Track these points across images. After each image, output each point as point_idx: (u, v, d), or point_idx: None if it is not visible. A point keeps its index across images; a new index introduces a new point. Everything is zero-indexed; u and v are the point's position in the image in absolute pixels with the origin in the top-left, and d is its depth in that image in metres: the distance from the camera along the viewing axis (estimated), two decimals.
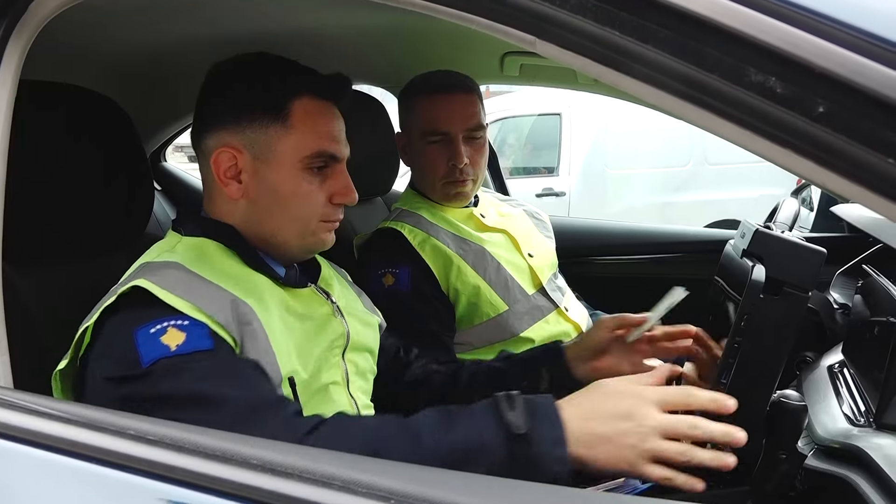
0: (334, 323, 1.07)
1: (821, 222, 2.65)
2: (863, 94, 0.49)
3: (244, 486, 0.60)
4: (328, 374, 1.03)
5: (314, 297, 1.07)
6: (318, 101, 1.02)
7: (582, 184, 5.39)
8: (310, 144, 1.00)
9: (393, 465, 0.67)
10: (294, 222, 1.02)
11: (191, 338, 0.85)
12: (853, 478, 0.88)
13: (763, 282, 0.90)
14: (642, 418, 0.81)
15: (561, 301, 1.58)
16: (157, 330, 0.84)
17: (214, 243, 1.00)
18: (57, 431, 0.68)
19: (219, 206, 1.04)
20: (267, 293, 0.98)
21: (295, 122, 1.00)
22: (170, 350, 0.83)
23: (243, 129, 1.00)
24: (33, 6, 0.84)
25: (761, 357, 0.92)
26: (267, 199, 1.01)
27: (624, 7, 0.55)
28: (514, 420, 0.81)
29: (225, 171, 1.00)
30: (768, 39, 0.51)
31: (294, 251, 1.06)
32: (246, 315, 0.91)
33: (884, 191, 0.49)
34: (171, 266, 0.93)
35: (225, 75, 1.04)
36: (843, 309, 1.46)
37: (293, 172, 1.00)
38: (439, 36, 1.74)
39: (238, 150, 1.00)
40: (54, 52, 1.07)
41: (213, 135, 1.02)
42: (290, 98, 1.00)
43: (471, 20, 0.64)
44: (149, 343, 0.83)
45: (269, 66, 1.04)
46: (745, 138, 0.55)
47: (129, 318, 0.86)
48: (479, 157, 1.54)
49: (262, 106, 0.99)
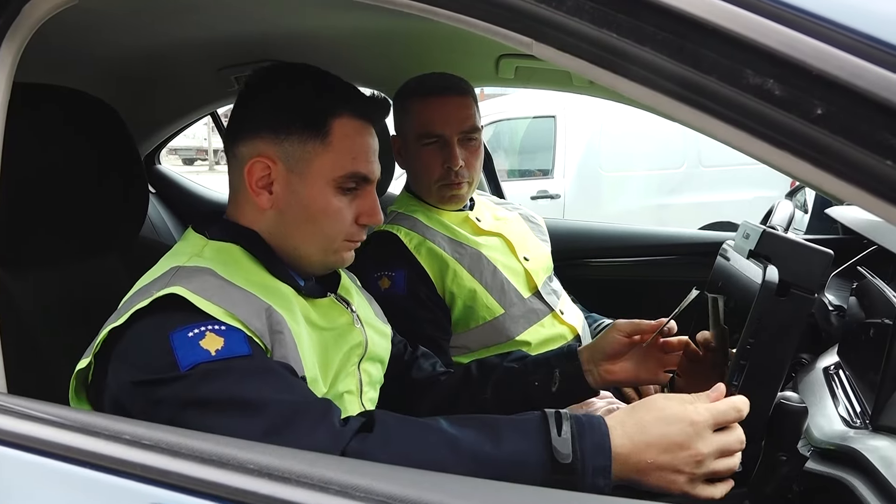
0: (354, 332, 1.07)
1: (815, 224, 2.66)
2: (861, 97, 0.49)
3: (240, 490, 0.59)
4: (344, 383, 1.03)
5: (334, 306, 1.07)
6: (357, 121, 1.02)
7: (577, 186, 5.41)
8: (345, 165, 1.00)
9: (390, 469, 0.66)
10: (320, 238, 1.02)
11: (229, 343, 0.84)
12: (849, 479, 0.88)
13: (777, 282, 0.89)
14: (699, 446, 0.81)
15: (556, 304, 1.58)
16: (195, 334, 0.83)
17: (239, 249, 1.00)
18: (51, 436, 0.67)
19: (245, 213, 1.03)
20: (293, 302, 0.98)
21: (333, 141, 0.99)
22: (210, 355, 0.82)
23: (281, 141, 0.99)
24: (27, 8, 0.83)
25: (769, 358, 0.92)
26: (296, 213, 1.00)
27: (621, 9, 0.55)
28: (560, 448, 0.80)
29: (258, 180, 1.00)
30: (766, 42, 0.51)
31: (314, 266, 1.05)
32: (279, 323, 0.91)
33: (881, 193, 0.49)
34: (204, 272, 0.92)
35: (266, 83, 1.04)
36: (838, 311, 1.47)
37: (325, 190, 1.00)
38: (434, 38, 1.74)
39: (273, 160, 0.99)
40: (48, 54, 1.06)
41: (248, 142, 1.01)
42: (332, 116, 1.00)
43: (468, 23, 0.64)
44: (187, 347, 0.82)
45: (312, 80, 1.04)
46: (742, 140, 0.55)
47: (162, 321, 0.85)
48: (474, 160, 1.54)
49: (302, 120, 0.99)
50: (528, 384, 1.20)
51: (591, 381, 1.19)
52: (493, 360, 1.28)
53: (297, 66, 1.05)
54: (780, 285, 0.91)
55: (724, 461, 0.82)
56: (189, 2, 1.24)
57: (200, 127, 15.33)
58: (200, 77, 1.73)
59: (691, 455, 0.81)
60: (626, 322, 1.19)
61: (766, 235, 0.97)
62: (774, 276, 0.90)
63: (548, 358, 1.24)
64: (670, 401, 0.86)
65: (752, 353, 0.91)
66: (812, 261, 0.94)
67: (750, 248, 0.98)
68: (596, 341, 1.21)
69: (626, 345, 1.17)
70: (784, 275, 0.92)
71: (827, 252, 0.94)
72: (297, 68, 1.05)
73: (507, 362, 1.26)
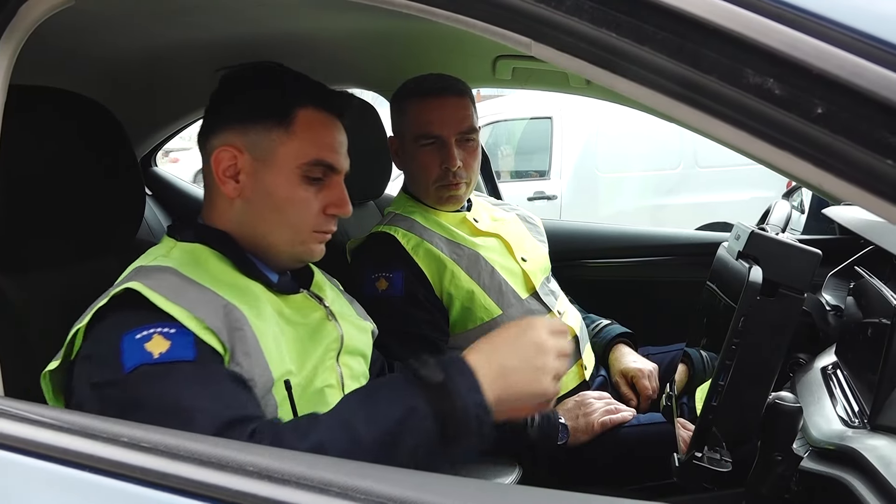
0: (328, 326, 1.08)
1: (812, 225, 2.67)
2: (861, 96, 0.49)
3: (239, 492, 0.59)
4: (323, 378, 1.03)
5: (307, 301, 1.08)
6: (322, 112, 1.05)
7: (573, 187, 5.41)
8: (309, 152, 1.02)
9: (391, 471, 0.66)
10: (286, 228, 1.03)
11: (175, 346, 0.85)
12: (848, 479, 0.88)
13: (760, 283, 0.90)
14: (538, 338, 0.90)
15: (554, 305, 1.58)
16: (142, 336, 0.84)
17: (209, 249, 1.01)
18: (48, 439, 0.67)
19: (217, 208, 1.05)
20: (261, 299, 0.99)
21: (297, 130, 1.02)
22: (152, 357, 0.83)
23: (247, 131, 1.02)
24: (23, 10, 0.83)
25: (758, 358, 0.92)
26: (262, 202, 1.02)
27: (620, 9, 0.55)
28: (428, 374, 0.85)
29: (224, 169, 1.02)
30: (766, 41, 0.51)
31: (284, 258, 1.07)
32: (238, 320, 0.92)
33: (882, 192, 0.49)
34: (164, 270, 0.94)
35: (238, 79, 1.07)
36: (835, 311, 1.47)
37: (290, 178, 1.02)
38: (432, 39, 1.74)
39: (239, 149, 1.02)
40: (44, 56, 1.06)
41: (217, 134, 1.04)
42: (296, 106, 1.03)
43: (467, 23, 0.64)
44: (133, 348, 0.84)
45: (280, 75, 1.07)
46: (742, 140, 0.55)
47: (118, 321, 0.86)
48: (471, 161, 1.54)
49: (267, 109, 1.02)
50: None
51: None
52: None
53: (267, 65, 1.08)
54: (768, 286, 0.92)
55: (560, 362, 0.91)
56: (186, 3, 1.24)
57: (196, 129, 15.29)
58: (197, 79, 1.72)
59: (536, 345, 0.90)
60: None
61: (753, 236, 0.98)
62: (758, 277, 0.91)
63: None
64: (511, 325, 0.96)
65: (739, 353, 0.92)
66: (800, 261, 0.95)
67: (739, 249, 0.99)
68: None
69: None
70: (772, 275, 0.92)
71: (815, 252, 0.95)
72: (267, 67, 1.08)
73: None
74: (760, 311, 0.91)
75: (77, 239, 1.15)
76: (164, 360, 0.84)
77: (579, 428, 1.42)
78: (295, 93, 1.04)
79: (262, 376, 0.92)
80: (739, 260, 0.99)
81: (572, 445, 1.41)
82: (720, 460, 0.94)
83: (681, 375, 1.34)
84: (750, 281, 0.90)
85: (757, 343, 0.92)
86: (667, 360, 1.67)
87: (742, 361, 0.92)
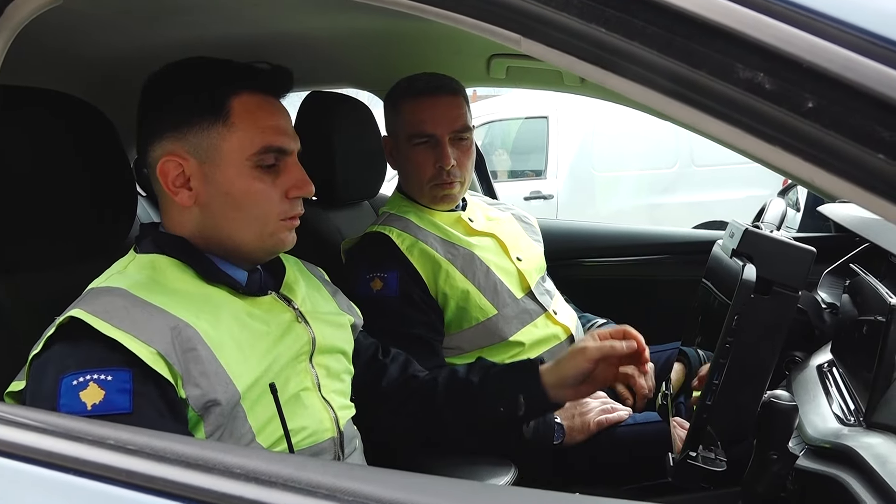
0: (298, 329, 1.05)
1: (808, 222, 2.67)
2: (852, 90, 0.48)
3: (226, 495, 0.58)
4: (297, 382, 1.01)
5: (275, 304, 1.05)
6: (257, 96, 1.00)
7: (570, 186, 5.41)
8: (255, 140, 0.98)
9: (379, 472, 0.66)
10: (251, 224, 1.00)
11: (109, 396, 0.83)
12: (844, 477, 0.88)
13: (754, 281, 0.90)
14: None
15: (549, 304, 1.58)
16: (78, 383, 0.82)
17: (168, 259, 0.98)
18: (33, 442, 0.66)
19: (173, 218, 1.02)
20: (222, 307, 0.96)
21: (236, 120, 0.98)
22: (86, 408, 0.81)
23: (184, 135, 0.98)
24: (10, 9, 0.82)
25: (752, 357, 0.92)
26: (220, 203, 0.99)
27: (609, 4, 0.55)
28: None
29: (173, 179, 0.98)
30: (756, 35, 0.50)
31: (254, 254, 1.03)
32: (190, 340, 0.89)
33: (874, 187, 0.49)
34: (112, 293, 0.91)
35: (158, 86, 1.03)
36: (830, 308, 1.47)
37: (243, 172, 0.98)
38: (426, 39, 1.73)
39: (182, 156, 0.98)
40: (33, 56, 1.05)
41: (156, 146, 1.00)
42: (228, 96, 0.98)
43: (457, 19, 0.63)
44: (69, 395, 0.82)
45: (202, 69, 1.02)
46: (733, 136, 0.55)
47: (60, 357, 0.85)
48: (465, 160, 1.53)
49: (199, 109, 0.98)
50: (493, 411, 1.22)
51: (555, 399, 1.22)
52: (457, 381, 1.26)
53: (186, 61, 1.03)
54: (762, 284, 0.92)
55: None
56: (178, 3, 1.23)
57: None
58: None
59: None
60: (594, 346, 1.18)
61: (747, 234, 0.97)
62: (751, 275, 0.90)
63: (506, 381, 1.23)
64: None
65: (733, 352, 0.92)
66: (794, 258, 0.94)
67: (733, 247, 0.99)
68: (560, 366, 1.21)
69: (590, 370, 1.18)
70: (766, 273, 0.92)
71: (809, 249, 0.95)
72: (186, 63, 1.03)
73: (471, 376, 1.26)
74: (754, 309, 0.91)
75: (68, 240, 1.14)
76: (97, 413, 0.81)
77: (575, 427, 1.41)
78: (223, 82, 0.99)
79: (226, 393, 0.89)
80: (734, 258, 0.98)
81: (568, 445, 1.41)
82: (715, 459, 0.94)
83: (677, 374, 1.34)
84: (744, 279, 0.90)
85: (751, 341, 0.92)
86: (662, 358, 1.67)
87: (736, 360, 0.92)
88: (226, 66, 1.02)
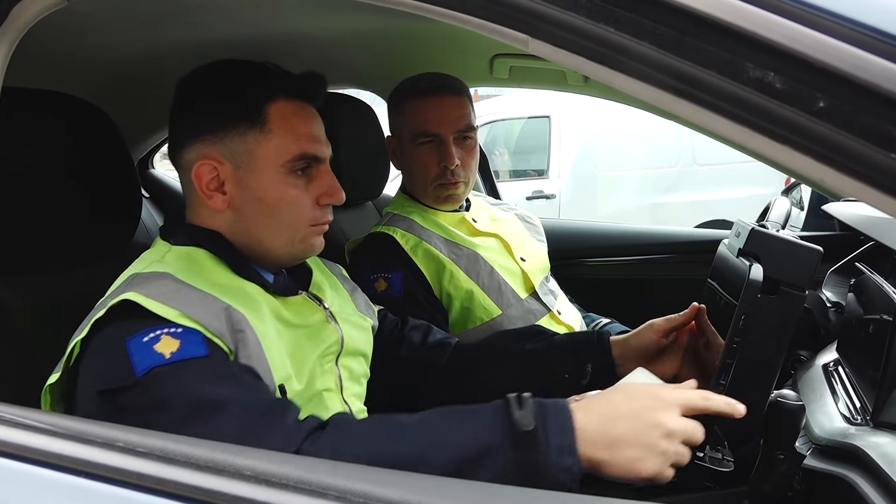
0: (328, 329, 1.06)
1: (812, 221, 2.67)
2: (863, 89, 0.48)
3: (237, 497, 0.58)
4: (321, 381, 1.01)
5: (306, 303, 1.06)
6: (293, 102, 1.00)
7: (572, 186, 5.40)
8: (290, 148, 0.98)
9: (389, 474, 0.66)
10: (283, 230, 1.01)
11: (185, 345, 0.83)
12: (851, 477, 0.88)
13: (761, 281, 0.90)
14: (666, 419, 0.80)
15: (553, 304, 1.58)
16: (150, 339, 0.82)
17: (204, 251, 0.99)
18: (43, 445, 0.66)
19: (204, 219, 1.02)
20: (260, 301, 0.97)
21: (272, 127, 0.98)
22: (164, 358, 0.81)
23: (221, 140, 0.98)
24: (15, 11, 0.82)
25: (760, 357, 0.92)
26: (253, 208, 0.99)
27: (619, 4, 0.55)
28: (521, 419, 0.78)
29: (207, 183, 0.98)
30: (767, 34, 0.50)
31: (283, 259, 1.04)
32: (239, 322, 0.90)
33: (885, 186, 0.49)
34: (161, 276, 0.91)
35: (195, 86, 1.03)
36: (836, 307, 1.46)
37: (277, 178, 0.98)
38: (429, 39, 1.73)
39: (218, 160, 0.98)
40: (38, 58, 1.05)
41: (190, 148, 1.00)
42: (265, 102, 0.98)
43: (463, 20, 0.63)
44: (142, 351, 0.81)
45: (240, 72, 1.02)
46: (741, 135, 0.54)
47: (119, 328, 0.84)
48: (469, 159, 1.53)
49: (237, 113, 0.98)
50: (555, 374, 1.17)
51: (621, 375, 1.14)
52: (509, 344, 1.24)
53: (225, 63, 1.03)
54: (769, 283, 0.91)
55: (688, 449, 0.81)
56: (181, 4, 1.23)
57: None
58: None
59: (659, 427, 0.79)
60: (662, 320, 1.15)
61: (754, 233, 0.97)
62: (758, 275, 0.90)
63: (576, 347, 1.20)
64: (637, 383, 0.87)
65: (740, 352, 0.91)
66: (801, 258, 0.94)
67: (739, 246, 0.98)
68: (629, 339, 1.18)
69: (660, 345, 1.14)
70: (773, 272, 0.91)
71: (815, 248, 0.94)
72: (224, 64, 1.03)
73: (529, 345, 1.22)
74: (761, 309, 0.90)
75: (73, 243, 1.14)
76: (178, 359, 0.81)
77: None
78: (261, 88, 0.99)
79: (266, 380, 0.90)
80: (740, 258, 0.98)
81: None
82: (722, 460, 0.93)
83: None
84: (751, 279, 0.90)
85: (758, 341, 0.91)
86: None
87: (743, 360, 0.91)
88: (262, 70, 1.02)
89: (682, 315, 1.13)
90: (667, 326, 1.14)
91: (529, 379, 1.18)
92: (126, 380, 0.81)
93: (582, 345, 1.21)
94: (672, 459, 0.80)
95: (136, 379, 0.80)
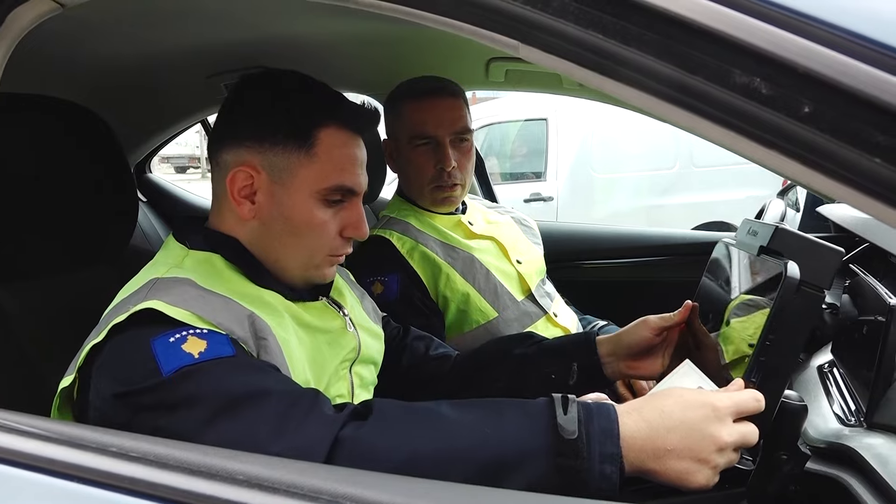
0: (347, 336, 1.05)
1: (807, 222, 2.67)
2: (848, 94, 0.48)
3: (230, 502, 0.59)
4: (336, 388, 1.01)
5: (326, 309, 1.05)
6: (343, 131, 0.99)
7: (569, 188, 5.41)
8: (331, 177, 0.97)
9: (381, 477, 0.66)
10: (301, 252, 0.99)
11: (212, 345, 0.82)
12: (845, 478, 0.88)
13: (798, 279, 0.88)
14: (721, 433, 0.79)
15: (549, 307, 1.58)
16: (176, 339, 0.81)
17: (221, 259, 0.97)
18: (35, 449, 0.66)
19: (227, 222, 1.01)
20: (279, 309, 0.96)
21: (319, 153, 0.97)
22: (193, 357, 0.80)
23: (265, 151, 0.96)
24: (11, 17, 0.82)
25: (783, 356, 0.91)
26: (279, 225, 0.98)
27: (607, 10, 0.55)
28: (565, 425, 0.76)
29: (240, 189, 0.97)
30: (753, 41, 0.51)
31: (293, 280, 1.02)
32: (262, 329, 0.89)
33: (870, 190, 0.49)
34: (183, 283, 0.90)
35: (249, 90, 1.01)
36: (831, 309, 1.46)
37: (309, 202, 0.97)
38: (424, 43, 1.74)
39: (256, 170, 0.97)
40: (34, 63, 1.06)
41: (231, 150, 0.98)
42: (317, 126, 0.97)
43: (455, 26, 0.63)
44: (169, 352, 0.80)
45: (297, 88, 1.01)
46: (730, 140, 0.55)
47: (141, 331, 0.82)
48: (466, 162, 1.54)
49: (287, 130, 0.96)
50: (543, 375, 1.18)
51: (609, 374, 1.17)
52: (502, 347, 1.25)
53: (285, 73, 1.02)
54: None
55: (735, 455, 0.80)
56: (178, 9, 1.24)
57: (192, 134, 15.28)
58: (190, 85, 1.72)
59: (714, 441, 0.78)
60: (656, 317, 1.15)
61: (778, 231, 0.96)
62: (796, 273, 0.88)
63: (564, 347, 1.21)
64: (689, 390, 0.85)
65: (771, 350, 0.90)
66: (824, 258, 0.92)
67: (761, 244, 0.97)
68: (621, 335, 1.17)
69: (653, 342, 1.14)
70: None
71: (838, 250, 0.93)
72: (284, 75, 1.02)
73: (520, 348, 1.23)
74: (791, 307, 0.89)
75: (70, 246, 1.14)
76: (207, 359, 0.80)
77: None
78: (317, 111, 0.98)
79: None
80: (762, 255, 0.97)
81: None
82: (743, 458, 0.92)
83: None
84: (788, 276, 0.88)
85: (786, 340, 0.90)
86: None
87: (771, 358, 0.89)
88: (320, 90, 1.01)
89: (677, 314, 1.13)
90: (661, 324, 1.14)
91: (519, 380, 1.19)
92: (148, 380, 0.79)
93: (570, 345, 1.21)
94: (722, 468, 0.79)
95: (162, 379, 0.79)
